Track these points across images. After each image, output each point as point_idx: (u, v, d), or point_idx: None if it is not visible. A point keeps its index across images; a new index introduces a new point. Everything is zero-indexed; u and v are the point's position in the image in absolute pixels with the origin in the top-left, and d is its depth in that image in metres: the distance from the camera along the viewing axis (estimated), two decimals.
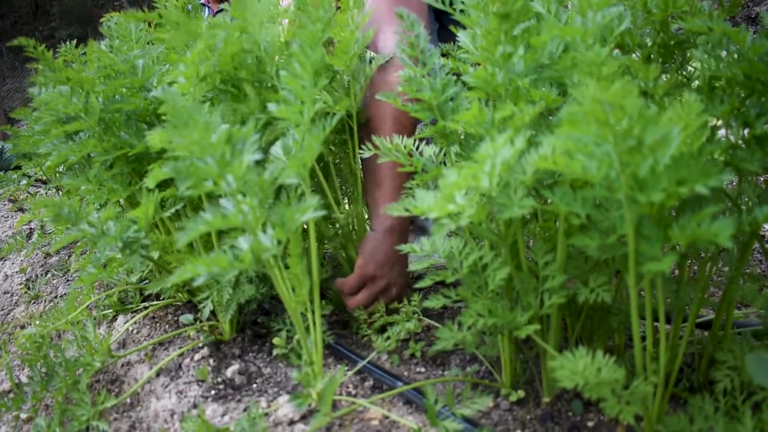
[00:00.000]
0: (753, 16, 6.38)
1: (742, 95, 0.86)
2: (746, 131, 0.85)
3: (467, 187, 0.71)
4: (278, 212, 0.74)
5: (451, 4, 0.92)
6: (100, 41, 1.34)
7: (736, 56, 0.84)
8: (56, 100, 1.21)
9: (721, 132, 0.88)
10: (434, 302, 0.98)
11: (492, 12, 0.85)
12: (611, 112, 0.58)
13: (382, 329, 1.30)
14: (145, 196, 1.08)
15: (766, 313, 0.95)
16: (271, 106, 0.93)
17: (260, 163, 0.82)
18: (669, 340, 0.94)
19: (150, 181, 0.93)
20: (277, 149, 0.93)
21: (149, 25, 1.53)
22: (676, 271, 0.98)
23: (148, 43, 1.40)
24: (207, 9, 3.66)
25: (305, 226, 1.14)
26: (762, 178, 0.97)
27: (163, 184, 1.19)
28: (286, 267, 0.90)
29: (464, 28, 0.94)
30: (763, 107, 0.81)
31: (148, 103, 1.26)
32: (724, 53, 0.89)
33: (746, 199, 0.90)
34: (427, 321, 1.35)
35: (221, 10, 3.66)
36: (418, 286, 1.08)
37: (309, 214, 0.73)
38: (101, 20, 1.49)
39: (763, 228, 1.94)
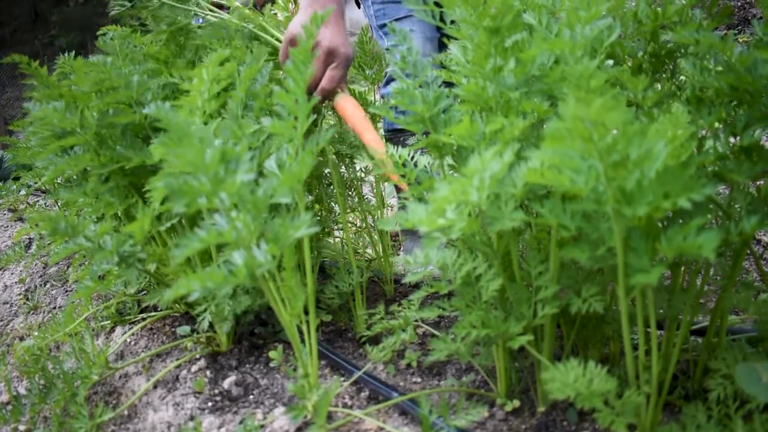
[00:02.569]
0: (750, 18, 6.40)
1: (732, 105, 0.87)
2: (737, 139, 0.86)
3: (457, 202, 0.72)
4: (272, 228, 0.75)
5: (441, 19, 0.93)
6: (93, 56, 1.35)
7: (723, 67, 0.85)
8: (51, 116, 1.22)
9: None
10: (429, 313, 0.98)
11: (482, 26, 0.86)
12: (594, 128, 0.59)
13: (377, 340, 1.31)
14: (140, 210, 1.08)
15: (761, 319, 0.96)
16: (265, 121, 0.94)
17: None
18: (662, 348, 0.94)
19: (155, 198, 0.94)
20: (271, 163, 0.93)
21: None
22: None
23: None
24: (201, 19, 3.66)
25: None
26: (758, 183, 0.98)
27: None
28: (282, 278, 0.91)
29: (457, 39, 0.95)
30: (750, 117, 0.82)
31: (143, 117, 1.26)
32: (714, 62, 0.89)
33: (738, 207, 0.91)
34: (423, 328, 1.36)
35: None
36: (413, 296, 1.09)
37: (302, 231, 0.74)
38: (99, 33, 1.50)
39: (760, 232, 1.94)
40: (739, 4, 6.26)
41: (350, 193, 1.65)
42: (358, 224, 1.78)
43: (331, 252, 1.81)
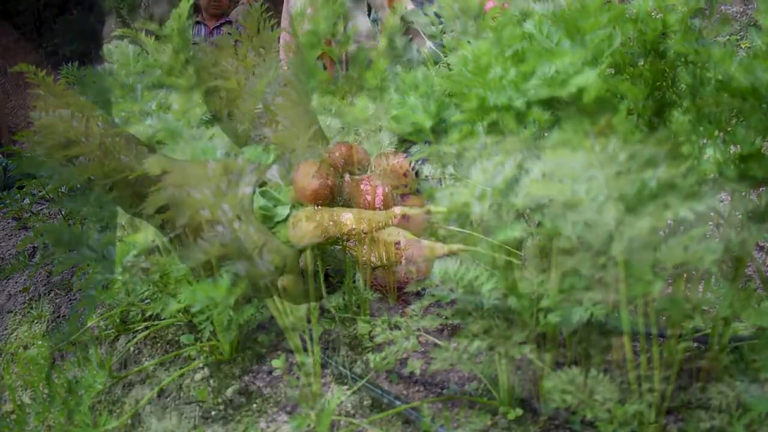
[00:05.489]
0: (753, 23, 6.40)
1: (732, 114, 0.87)
2: (737, 147, 0.86)
3: (459, 213, 0.72)
4: (274, 239, 0.76)
5: (442, 31, 0.94)
6: (97, 65, 1.36)
7: (723, 76, 0.85)
8: (57, 124, 1.23)
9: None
10: (430, 322, 0.99)
11: (482, 37, 0.87)
12: (595, 139, 0.59)
13: (381, 348, 1.31)
14: (144, 220, 1.09)
15: (763, 327, 0.96)
16: (267, 131, 0.94)
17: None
18: (664, 356, 0.94)
19: (150, 207, 0.95)
20: (273, 172, 0.94)
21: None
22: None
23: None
24: (203, 27, 3.66)
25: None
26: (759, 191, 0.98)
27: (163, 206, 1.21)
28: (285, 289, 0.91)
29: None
30: (749, 126, 0.82)
31: (147, 126, 1.27)
32: (713, 71, 0.90)
33: (739, 215, 0.91)
34: (426, 337, 1.36)
35: (219, 26, 3.67)
36: (415, 305, 1.09)
37: (305, 242, 0.74)
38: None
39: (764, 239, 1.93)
40: (742, 10, 6.27)
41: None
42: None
43: (335, 259, 1.82)
